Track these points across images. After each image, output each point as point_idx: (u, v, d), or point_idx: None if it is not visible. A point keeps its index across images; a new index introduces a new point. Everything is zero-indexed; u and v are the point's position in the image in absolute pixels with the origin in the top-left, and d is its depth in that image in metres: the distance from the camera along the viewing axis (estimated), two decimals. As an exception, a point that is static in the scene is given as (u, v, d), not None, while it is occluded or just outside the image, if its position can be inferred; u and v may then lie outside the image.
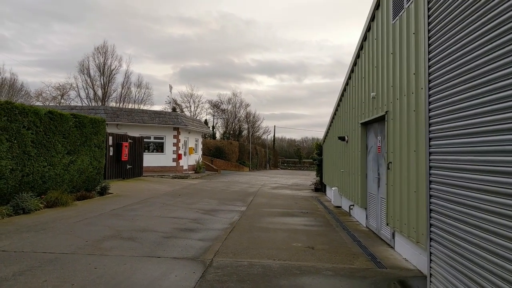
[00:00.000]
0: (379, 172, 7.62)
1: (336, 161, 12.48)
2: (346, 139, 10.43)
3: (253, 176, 30.13)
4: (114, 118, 22.56)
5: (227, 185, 19.50)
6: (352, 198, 9.80)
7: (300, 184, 23.08)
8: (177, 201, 12.16)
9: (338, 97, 11.65)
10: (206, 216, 9.60)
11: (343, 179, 11.13)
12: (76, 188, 12.00)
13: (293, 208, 11.86)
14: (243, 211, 10.78)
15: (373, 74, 7.77)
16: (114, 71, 48.09)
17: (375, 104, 7.58)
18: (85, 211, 9.57)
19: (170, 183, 18.51)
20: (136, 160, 19.35)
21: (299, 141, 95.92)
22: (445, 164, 3.89)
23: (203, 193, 14.96)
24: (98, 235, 6.93)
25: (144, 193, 13.95)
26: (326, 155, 15.06)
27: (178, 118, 25.19)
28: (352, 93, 9.79)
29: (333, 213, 10.88)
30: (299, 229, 8.32)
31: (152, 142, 24.46)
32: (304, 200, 14.30)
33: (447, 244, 3.80)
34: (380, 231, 7.59)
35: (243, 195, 15.00)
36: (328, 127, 13.99)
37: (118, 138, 17.32)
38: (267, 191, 17.64)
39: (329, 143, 14.13)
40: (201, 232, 7.61)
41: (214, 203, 12.22)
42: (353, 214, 10.09)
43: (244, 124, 65.31)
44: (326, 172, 15.10)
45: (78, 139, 11.97)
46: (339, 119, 11.78)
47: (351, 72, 9.84)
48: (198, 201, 12.38)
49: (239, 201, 13.07)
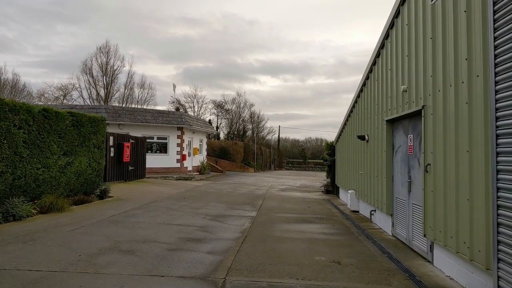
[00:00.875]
0: (411, 175, 6.73)
1: (352, 162, 11.60)
2: (367, 138, 9.55)
3: (259, 178, 29.28)
4: (116, 117, 21.78)
5: (234, 187, 18.65)
6: (374, 203, 8.92)
7: (309, 186, 22.19)
8: (182, 206, 11.32)
9: (356, 93, 10.77)
10: (214, 223, 8.75)
11: (361, 181, 10.25)
12: (73, 192, 11.19)
13: (306, 212, 10.98)
14: (254, 216, 9.92)
15: (403, 65, 6.88)
16: (116, 71, 47.53)
17: (406, 98, 6.70)
18: (82, 217, 8.75)
19: (174, 185, 17.69)
20: (139, 161, 18.55)
21: (302, 142, 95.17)
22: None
23: (209, 196, 14.12)
24: (93, 248, 6.09)
25: (147, 196, 13.14)
26: (340, 155, 14.18)
27: (182, 118, 24.39)
28: (374, 87, 8.91)
29: (351, 218, 10.00)
30: (318, 239, 7.45)
31: (155, 142, 23.66)
32: (317, 203, 13.42)
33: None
34: (411, 241, 6.71)
35: (252, 198, 14.14)
36: (343, 125, 13.11)
37: (120, 138, 16.52)
38: (275, 193, 16.77)
39: (344, 143, 13.25)
40: (210, 243, 6.76)
41: (222, 207, 11.37)
42: (374, 220, 9.21)
43: (249, 125, 64.53)
44: (340, 173, 14.22)
45: (75, 139, 11.16)
46: (357, 117, 10.90)
47: (373, 64, 8.96)
48: (205, 205, 11.54)
49: (248, 205, 12.21)
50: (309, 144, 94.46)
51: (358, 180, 10.73)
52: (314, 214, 10.76)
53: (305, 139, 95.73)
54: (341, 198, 14.41)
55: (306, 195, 16.55)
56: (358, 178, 10.64)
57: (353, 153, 11.44)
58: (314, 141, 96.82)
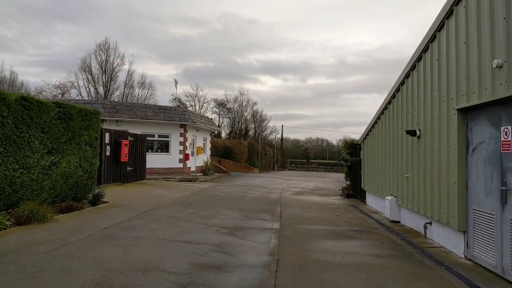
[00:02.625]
0: (507, 181, 4.96)
1: (391, 163, 9.82)
2: (418, 134, 7.77)
3: (266, 179, 27.49)
4: (114, 113, 19.99)
5: (243, 190, 16.86)
6: (431, 214, 7.14)
7: (324, 189, 20.41)
8: (189, 214, 9.54)
9: (398, 81, 8.98)
10: (232, 238, 6.98)
11: (407, 186, 8.48)
12: (60, 197, 9.41)
13: (339, 223, 9.21)
14: (278, 229, 8.14)
15: (494, 29, 5.10)
16: (116, 69, 46.18)
17: (502, 76, 4.92)
18: (67, 230, 6.99)
19: (177, 188, 15.91)
20: (138, 161, 16.77)
21: (303, 142, 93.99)
22: None
23: (219, 201, 12.34)
24: (74, 283, 4.32)
25: (147, 201, 11.35)
26: (369, 155, 12.39)
27: (185, 114, 22.60)
28: (434, 68, 7.11)
29: (397, 232, 8.22)
30: (375, 265, 5.66)
31: (156, 140, 21.86)
32: (344, 210, 11.63)
33: None
34: (509, 271, 4.93)
35: (267, 204, 12.36)
36: (374, 121, 11.32)
37: (117, 135, 14.73)
38: (291, 197, 14.99)
39: (376, 141, 11.46)
40: (233, 272, 4.98)
41: (236, 216, 9.59)
42: (430, 236, 7.42)
43: (251, 124, 62.89)
44: (368, 176, 12.44)
45: (62, 135, 9.38)
46: (399, 109, 9.11)
47: (431, 40, 7.16)
48: (216, 214, 9.76)
49: (265, 213, 10.43)
50: (310, 144, 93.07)
51: (401, 185, 8.95)
52: (349, 225, 8.97)
53: (306, 139, 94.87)
54: (369, 204, 12.63)
55: (326, 199, 14.77)
56: (402, 182, 8.86)
57: (392, 152, 9.66)
58: (315, 141, 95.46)
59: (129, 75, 47.83)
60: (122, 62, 46.79)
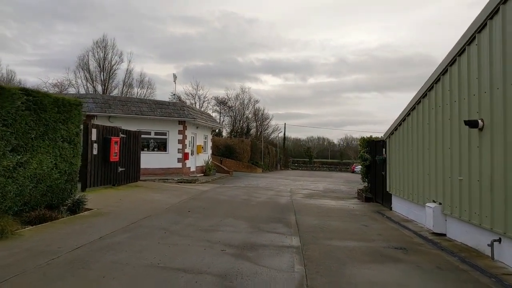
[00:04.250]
0: None
1: (432, 161, 8.08)
2: (481, 125, 6.05)
3: (271, 179, 25.76)
4: (106, 108, 18.26)
5: (248, 193, 15.13)
6: (506, 229, 5.42)
7: (335, 190, 18.69)
8: (186, 225, 7.83)
9: (446, 60, 7.23)
10: (242, 263, 5.25)
11: (461, 191, 6.76)
12: (29, 205, 7.69)
13: (371, 237, 7.48)
14: (298, 247, 6.42)
15: None
16: (114, 67, 44.85)
17: None
18: (26, 252, 5.31)
19: (175, 191, 14.19)
20: (131, 161, 15.05)
21: (304, 141, 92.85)
22: None
23: (222, 208, 10.62)
24: None
25: (139, 208, 9.64)
26: (399, 152, 10.62)
27: (184, 110, 20.85)
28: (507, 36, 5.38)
29: (449, 250, 6.48)
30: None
31: (153, 138, 20.12)
32: (371, 219, 9.89)
33: None
34: None
35: (278, 210, 10.65)
36: (407, 112, 9.57)
37: (106, 131, 13.01)
38: (303, 202, 13.28)
39: (408, 136, 9.71)
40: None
41: (244, 227, 7.88)
42: (501, 258, 5.69)
43: (252, 123, 61.23)
44: (397, 177, 10.70)
45: (32, 129, 7.66)
46: (448, 95, 7.37)
47: (502, 2, 5.44)
48: (219, 224, 8.05)
49: (278, 222, 8.72)
50: (311, 143, 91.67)
51: (449, 189, 7.23)
52: (385, 240, 7.25)
53: (307, 138, 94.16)
54: (396, 210, 10.90)
55: (342, 204, 13.05)
56: (451, 187, 7.14)
57: (435, 148, 7.91)
58: (316, 140, 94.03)
59: (127, 73, 46.34)
60: (120, 60, 45.45)
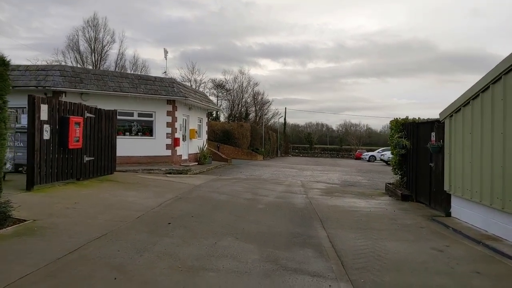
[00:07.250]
0: None
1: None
2: None
3: (275, 168, 22.68)
4: (77, 83, 14.94)
5: (252, 189, 12.02)
6: None
7: (355, 183, 15.60)
8: (157, 257, 4.70)
9: None
10: None
11: None
12: None
13: (468, 281, 4.41)
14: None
15: None
16: (106, 47, 41.76)
17: None
18: None
19: (158, 187, 11.06)
20: (103, 148, 11.87)
21: (303, 126, 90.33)
22: None
23: (218, 215, 7.50)
24: None
25: (96, 218, 6.50)
26: (471, 138, 7.43)
27: (174, 87, 17.55)
28: None
29: None
30: None
31: (136, 120, 16.85)
32: (434, 235, 6.75)
33: None
34: None
35: (298, 219, 7.55)
36: (492, 80, 6.38)
37: (63, 108, 9.77)
38: (324, 201, 10.19)
39: (498, 111, 6.53)
40: None
41: (252, 260, 4.77)
42: None
43: (251, 107, 58.03)
44: (466, 171, 7.56)
45: None
46: None
47: None
48: (212, 252, 4.94)
49: (303, 245, 5.61)
50: (310, 129, 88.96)
51: None
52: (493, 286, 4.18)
53: (305, 123, 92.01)
54: (460, 218, 7.79)
55: (376, 205, 9.96)
56: None
57: None
58: (315, 126, 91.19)
59: (120, 54, 43.04)
60: (112, 40, 42.26)
